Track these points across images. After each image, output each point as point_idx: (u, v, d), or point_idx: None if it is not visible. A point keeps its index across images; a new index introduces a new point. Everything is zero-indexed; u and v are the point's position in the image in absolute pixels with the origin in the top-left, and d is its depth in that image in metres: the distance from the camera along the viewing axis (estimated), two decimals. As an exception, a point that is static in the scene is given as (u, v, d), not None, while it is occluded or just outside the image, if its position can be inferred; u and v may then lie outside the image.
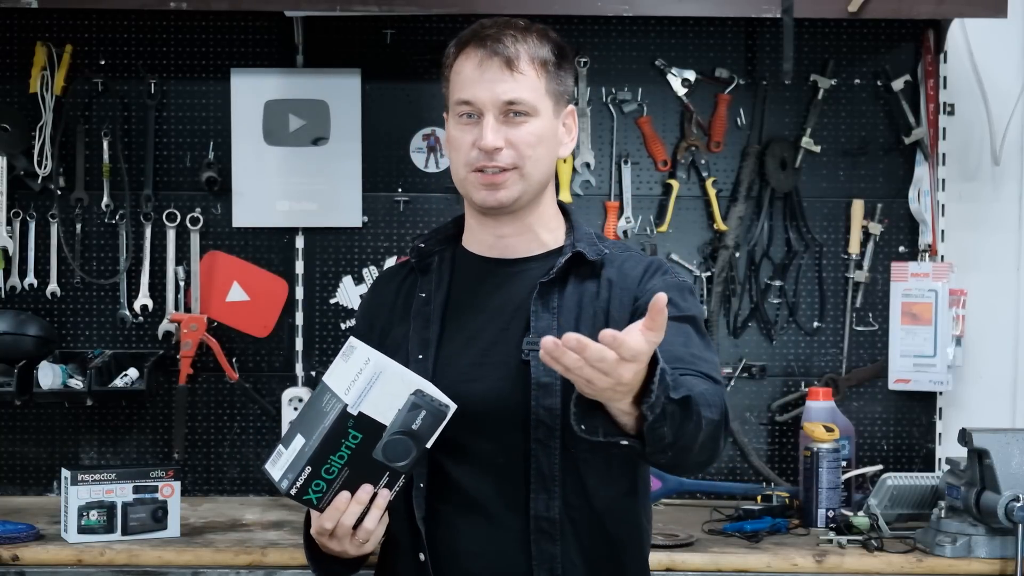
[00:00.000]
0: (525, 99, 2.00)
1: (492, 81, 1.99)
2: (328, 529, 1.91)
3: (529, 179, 2.02)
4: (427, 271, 2.13)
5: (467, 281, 2.10)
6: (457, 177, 2.06)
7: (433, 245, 2.15)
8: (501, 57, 1.99)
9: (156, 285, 3.27)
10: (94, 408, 3.22)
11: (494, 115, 1.99)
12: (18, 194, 3.26)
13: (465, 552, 2.00)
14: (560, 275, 2.04)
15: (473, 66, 2.00)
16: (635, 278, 2.05)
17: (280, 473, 1.91)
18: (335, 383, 1.91)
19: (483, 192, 2.02)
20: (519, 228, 2.08)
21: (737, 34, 3.31)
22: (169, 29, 3.27)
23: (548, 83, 2.03)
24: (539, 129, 2.02)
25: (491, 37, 2.00)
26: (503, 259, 2.09)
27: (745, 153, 3.29)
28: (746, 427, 3.30)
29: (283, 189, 3.27)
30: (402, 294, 2.13)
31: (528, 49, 2.01)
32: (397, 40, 3.28)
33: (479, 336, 2.04)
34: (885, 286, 3.29)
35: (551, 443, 1.98)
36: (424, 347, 2.05)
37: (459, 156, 2.04)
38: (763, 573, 2.67)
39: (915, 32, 3.27)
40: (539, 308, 2.01)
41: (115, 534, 2.73)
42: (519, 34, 2.01)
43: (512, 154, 2.00)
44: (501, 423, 2.00)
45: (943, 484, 2.80)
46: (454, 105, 2.04)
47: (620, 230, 3.27)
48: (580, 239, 2.08)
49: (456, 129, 2.04)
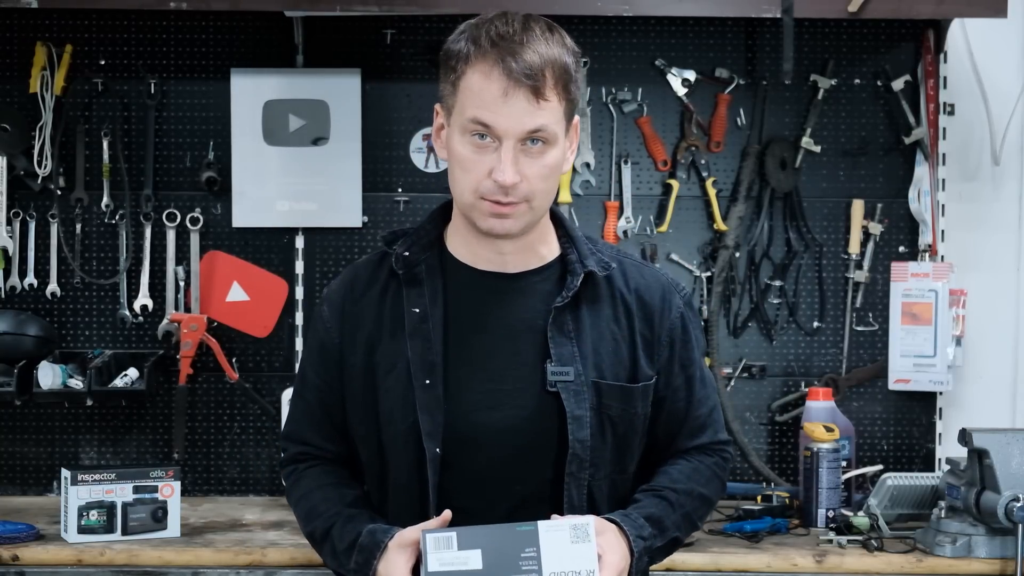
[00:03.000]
0: (548, 128, 1.88)
1: (519, 113, 1.85)
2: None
3: (538, 211, 1.93)
4: (415, 282, 1.99)
5: (464, 296, 1.99)
6: (462, 200, 1.92)
7: (418, 252, 2.01)
8: (528, 88, 1.84)
9: (156, 285, 3.27)
10: (94, 408, 3.22)
11: (514, 146, 1.86)
12: (18, 194, 3.26)
13: None
14: (573, 297, 1.97)
15: (497, 91, 1.85)
16: (653, 306, 2.02)
17: (437, 563, 1.83)
18: None
19: (491, 220, 1.91)
20: (520, 246, 1.99)
21: (737, 34, 3.31)
22: (169, 29, 3.27)
23: (567, 105, 1.91)
24: (554, 160, 1.90)
25: (512, 53, 1.85)
26: (502, 273, 2.00)
27: (745, 153, 3.29)
28: (746, 427, 3.30)
29: (283, 189, 3.27)
30: (387, 305, 2.00)
31: (554, 74, 1.87)
32: (397, 40, 3.28)
33: (490, 360, 1.96)
34: (885, 286, 3.29)
35: (582, 475, 1.95)
36: (430, 371, 1.94)
37: (468, 179, 1.90)
38: (763, 573, 2.67)
39: (915, 32, 3.27)
40: (555, 334, 1.95)
41: (115, 534, 2.74)
42: (543, 49, 1.87)
43: (526, 188, 1.89)
44: (527, 452, 1.94)
45: (943, 484, 2.80)
46: (467, 121, 1.88)
47: (620, 230, 3.27)
48: (583, 253, 2.00)
49: (466, 148, 1.89)
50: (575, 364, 1.95)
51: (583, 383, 1.95)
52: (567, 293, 1.96)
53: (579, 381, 1.95)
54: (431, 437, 1.93)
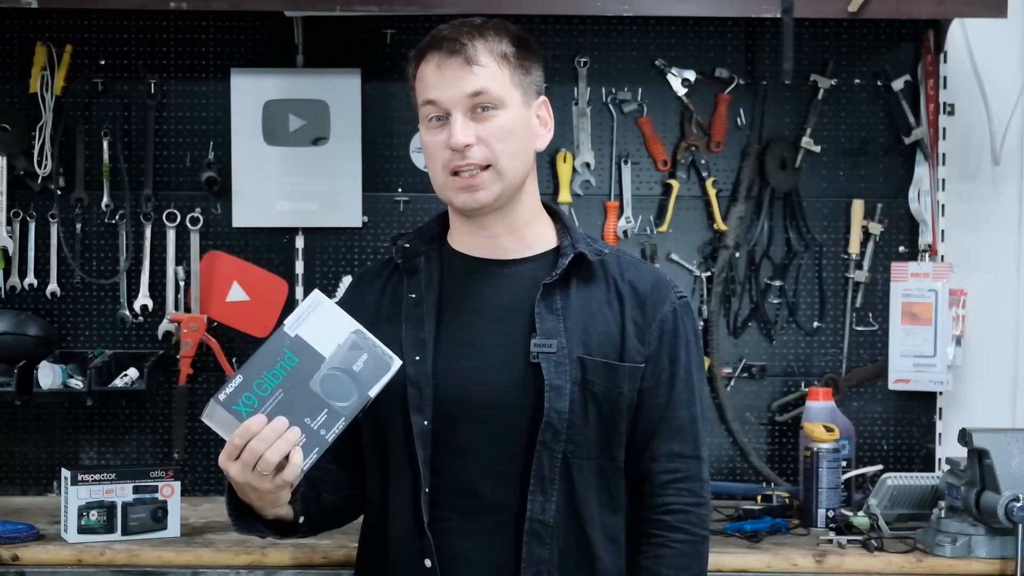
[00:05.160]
0: (489, 89, 1.99)
1: (454, 78, 1.99)
2: (254, 431, 1.83)
3: (505, 176, 2.01)
4: (414, 271, 2.09)
5: (459, 281, 2.07)
6: (436, 183, 2.05)
7: (418, 244, 2.12)
8: (459, 55, 1.99)
9: (156, 285, 3.27)
10: (94, 408, 3.22)
11: (461, 112, 1.99)
12: (18, 194, 3.26)
13: (466, 556, 1.99)
14: (563, 276, 2.03)
15: (433, 68, 2.01)
16: (646, 297, 2.06)
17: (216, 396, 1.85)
18: None
19: (462, 195, 2.01)
20: (507, 226, 2.06)
21: (737, 34, 3.31)
22: (169, 29, 3.27)
23: (512, 74, 2.02)
24: (508, 122, 2.01)
25: (447, 38, 2.01)
26: (496, 259, 2.07)
27: (745, 153, 3.29)
28: (746, 427, 3.30)
29: (283, 189, 3.27)
30: (387, 294, 2.10)
31: (485, 44, 2.00)
32: (397, 40, 3.28)
33: (479, 338, 2.03)
34: (885, 286, 3.29)
35: (555, 446, 1.98)
36: (420, 348, 2.02)
37: (434, 161, 2.03)
38: (763, 573, 2.66)
39: (915, 32, 3.27)
40: (543, 310, 2.01)
41: (115, 534, 2.73)
42: (475, 31, 2.02)
43: (483, 150, 1.99)
44: (509, 426, 1.99)
45: (943, 484, 2.80)
46: (421, 107, 2.04)
47: (620, 230, 3.27)
48: (578, 240, 2.08)
49: (427, 134, 2.04)
50: (559, 337, 2.00)
51: (565, 356, 1.99)
52: (556, 272, 2.03)
53: (561, 353, 1.99)
54: (418, 411, 1.99)
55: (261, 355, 1.86)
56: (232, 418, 1.85)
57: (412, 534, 2.00)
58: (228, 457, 1.87)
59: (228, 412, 1.84)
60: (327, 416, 1.86)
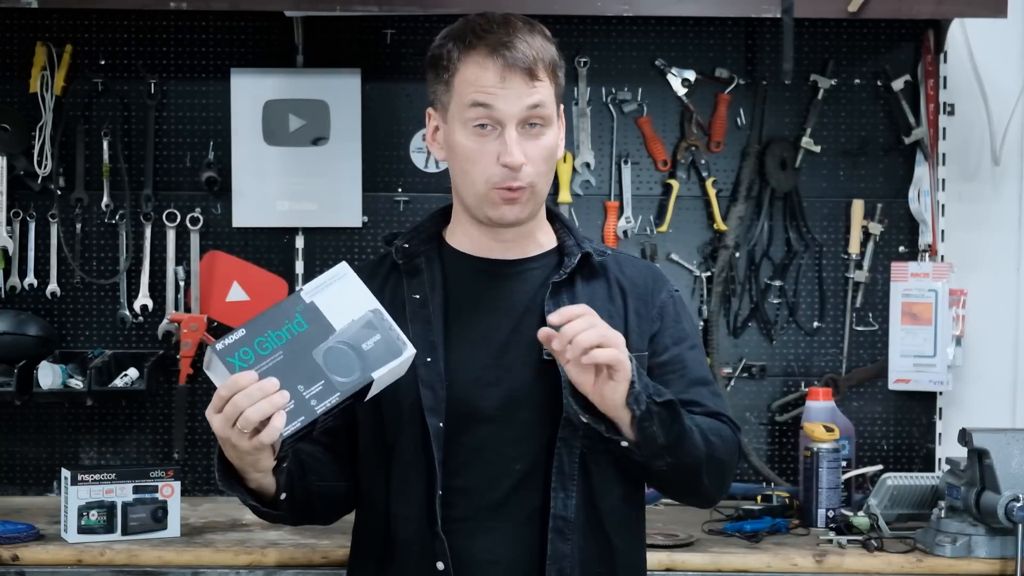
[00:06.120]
0: (544, 104, 1.95)
1: (519, 94, 1.93)
2: (241, 386, 1.76)
3: (539, 195, 2.00)
4: (415, 272, 2.06)
5: (464, 281, 2.06)
6: (474, 191, 1.98)
7: (417, 244, 2.08)
8: (522, 67, 1.92)
9: (156, 285, 3.27)
10: (94, 408, 3.22)
11: (515, 127, 1.94)
12: (18, 194, 3.26)
13: (478, 557, 1.97)
14: (569, 275, 2.04)
15: (494, 77, 1.92)
16: (645, 288, 2.09)
17: None
18: None
19: (503, 208, 1.97)
20: (520, 233, 2.06)
21: (737, 34, 3.31)
22: (169, 29, 3.27)
23: (556, 88, 1.99)
24: (551, 142, 1.98)
25: (504, 44, 1.93)
26: (501, 260, 2.06)
27: (745, 153, 3.29)
28: (746, 427, 3.30)
29: (283, 189, 3.27)
30: (387, 295, 2.03)
31: (541, 54, 1.95)
32: (397, 40, 3.28)
33: (489, 338, 2.01)
34: (885, 286, 3.29)
35: (574, 442, 1.98)
36: (431, 350, 1.99)
37: (479, 170, 1.96)
38: (763, 573, 2.67)
39: (915, 32, 3.27)
40: (552, 308, 1.98)
41: (115, 534, 2.73)
42: (528, 37, 1.95)
43: (531, 171, 1.96)
44: (524, 424, 1.98)
45: (943, 484, 2.80)
46: (467, 110, 1.94)
47: (620, 230, 3.27)
48: (579, 239, 2.09)
49: (469, 139, 1.96)
50: None
51: None
52: (564, 270, 2.03)
53: None
54: (433, 412, 1.97)
55: (270, 314, 1.81)
56: (225, 369, 1.79)
57: (423, 536, 1.97)
58: (213, 408, 1.79)
59: (222, 362, 1.78)
60: (322, 388, 1.79)
